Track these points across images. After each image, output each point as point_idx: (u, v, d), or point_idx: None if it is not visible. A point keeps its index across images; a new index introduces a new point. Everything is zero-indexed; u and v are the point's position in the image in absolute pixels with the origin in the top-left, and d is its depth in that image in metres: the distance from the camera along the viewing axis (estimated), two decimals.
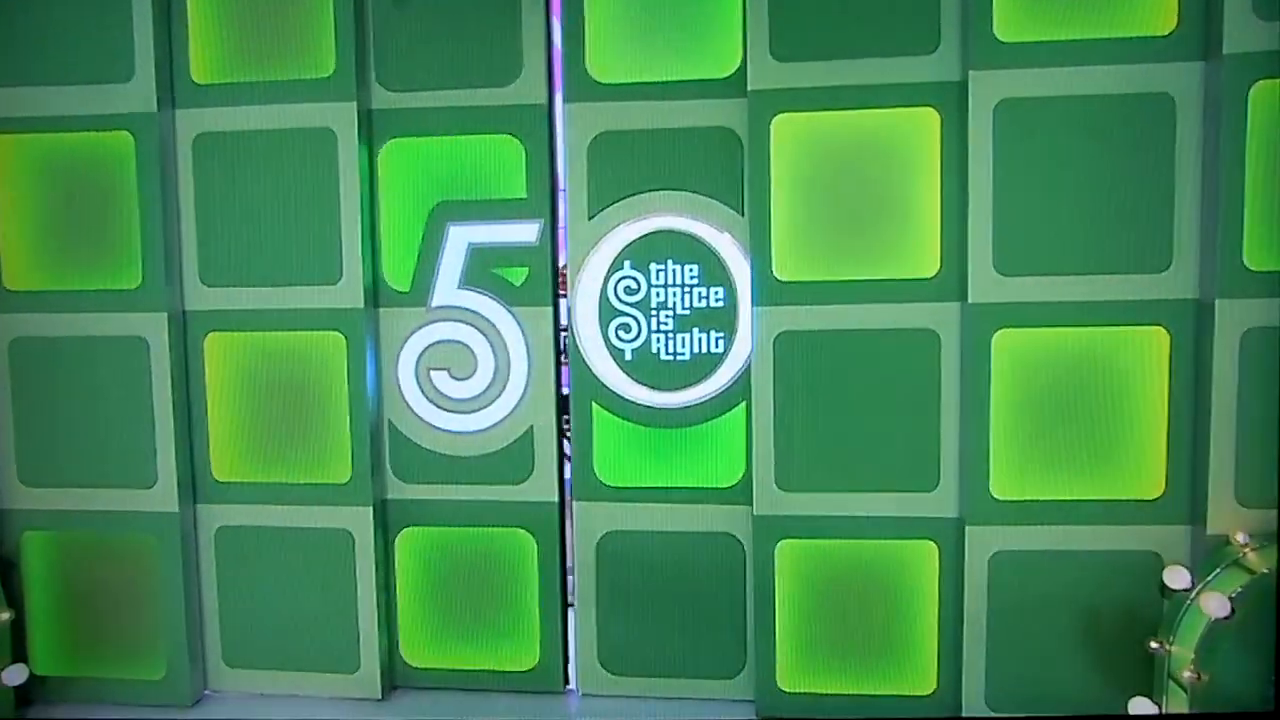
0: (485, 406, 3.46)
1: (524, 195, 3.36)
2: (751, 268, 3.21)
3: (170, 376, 3.37)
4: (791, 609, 3.28)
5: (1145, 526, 3.04)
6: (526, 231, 3.37)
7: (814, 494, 3.23)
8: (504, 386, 3.44)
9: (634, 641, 3.44)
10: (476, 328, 3.43)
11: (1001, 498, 3.11)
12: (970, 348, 3.09)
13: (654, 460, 3.39)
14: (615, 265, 3.35)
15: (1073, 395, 3.06)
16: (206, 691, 3.57)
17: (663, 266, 3.33)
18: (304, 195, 3.33)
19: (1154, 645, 2.79)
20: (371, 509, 3.40)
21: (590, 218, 3.33)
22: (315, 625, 3.47)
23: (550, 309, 3.41)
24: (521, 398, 3.44)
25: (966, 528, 3.14)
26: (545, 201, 3.36)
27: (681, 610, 3.41)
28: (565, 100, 3.32)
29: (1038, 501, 3.10)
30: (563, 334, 3.44)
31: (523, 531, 3.47)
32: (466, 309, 3.42)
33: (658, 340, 3.36)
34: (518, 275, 3.40)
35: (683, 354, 3.35)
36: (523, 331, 3.41)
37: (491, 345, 3.43)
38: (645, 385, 3.37)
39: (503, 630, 3.50)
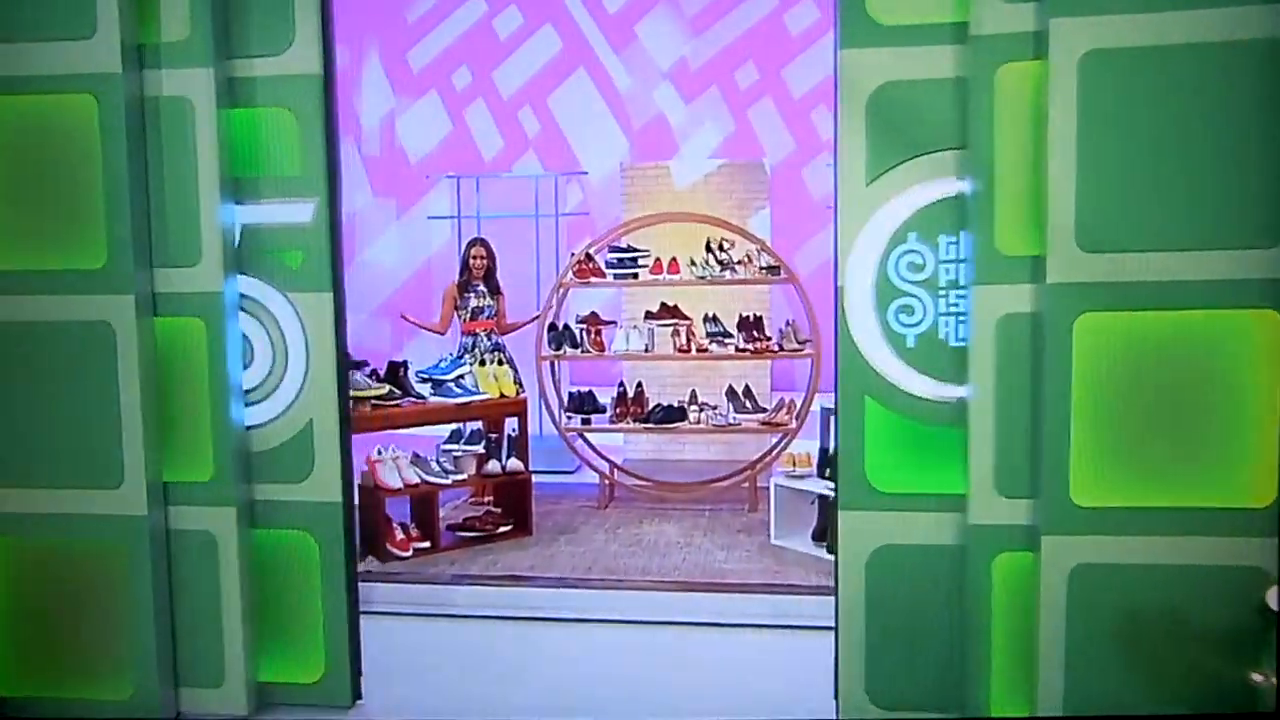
0: (263, 399, 3.35)
1: (298, 173, 3.22)
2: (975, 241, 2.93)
3: (139, 366, 3.17)
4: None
5: (1250, 539, 2.79)
6: (301, 211, 3.23)
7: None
8: (282, 378, 3.31)
9: (907, 672, 3.16)
10: (252, 314, 3.33)
11: (1083, 505, 2.86)
12: (1048, 334, 2.83)
13: (936, 463, 3.09)
14: (897, 238, 3.07)
15: (1167, 388, 2.80)
16: (181, 711, 3.39)
17: (954, 239, 3.04)
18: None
19: (1256, 677, 2.56)
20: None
21: (868, 183, 3.05)
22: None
23: (330, 294, 3.25)
24: (301, 390, 3.31)
25: (1043, 538, 2.89)
26: (321, 179, 3.22)
27: (963, 638, 3.09)
28: (841, 46, 3.04)
29: (1125, 509, 2.85)
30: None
31: (304, 534, 3.34)
32: (241, 294, 3.32)
33: (945, 324, 3.08)
34: (294, 259, 3.25)
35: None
36: (300, 319, 3.28)
37: (268, 333, 3.33)
38: (929, 376, 3.08)
39: (287, 639, 3.38)
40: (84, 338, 3.18)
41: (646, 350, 5.96)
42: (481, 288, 6.09)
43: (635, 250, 5.96)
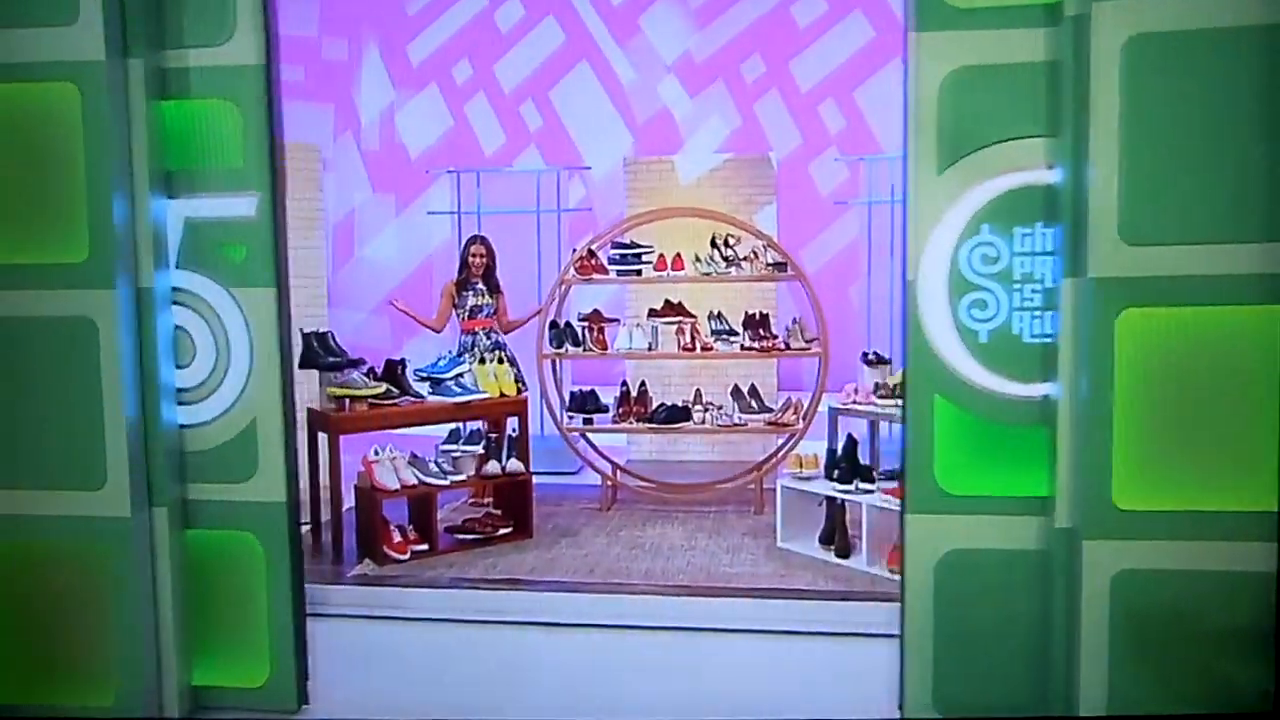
0: (206, 397, 3.34)
1: (241, 165, 3.19)
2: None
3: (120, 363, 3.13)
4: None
5: None
6: (244, 205, 3.21)
7: None
8: (224, 375, 3.29)
9: (976, 682, 3.09)
10: (194, 310, 3.32)
11: (1126, 508, 2.79)
12: (1089, 330, 2.77)
13: (1008, 464, 3.02)
14: (970, 230, 3.00)
15: (1214, 387, 2.74)
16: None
17: (1030, 231, 2.98)
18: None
19: None
20: None
21: (940, 172, 2.98)
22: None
23: (274, 290, 3.23)
24: (244, 387, 3.30)
25: (1084, 543, 2.82)
26: (264, 171, 3.19)
27: (1032, 642, 3.02)
28: (912, 29, 2.97)
29: (1170, 513, 2.78)
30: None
31: (247, 535, 3.33)
32: (183, 290, 3.31)
33: (1020, 319, 3.01)
34: (237, 253, 3.23)
35: (1049, 336, 2.97)
36: (244, 315, 3.26)
37: (210, 330, 3.31)
38: (1003, 373, 3.01)
39: (231, 642, 3.35)
40: (65, 334, 3.13)
41: (650, 349, 5.92)
42: (480, 286, 6.05)
43: (639, 246, 5.90)
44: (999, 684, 3.07)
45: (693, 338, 5.87)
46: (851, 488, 4.69)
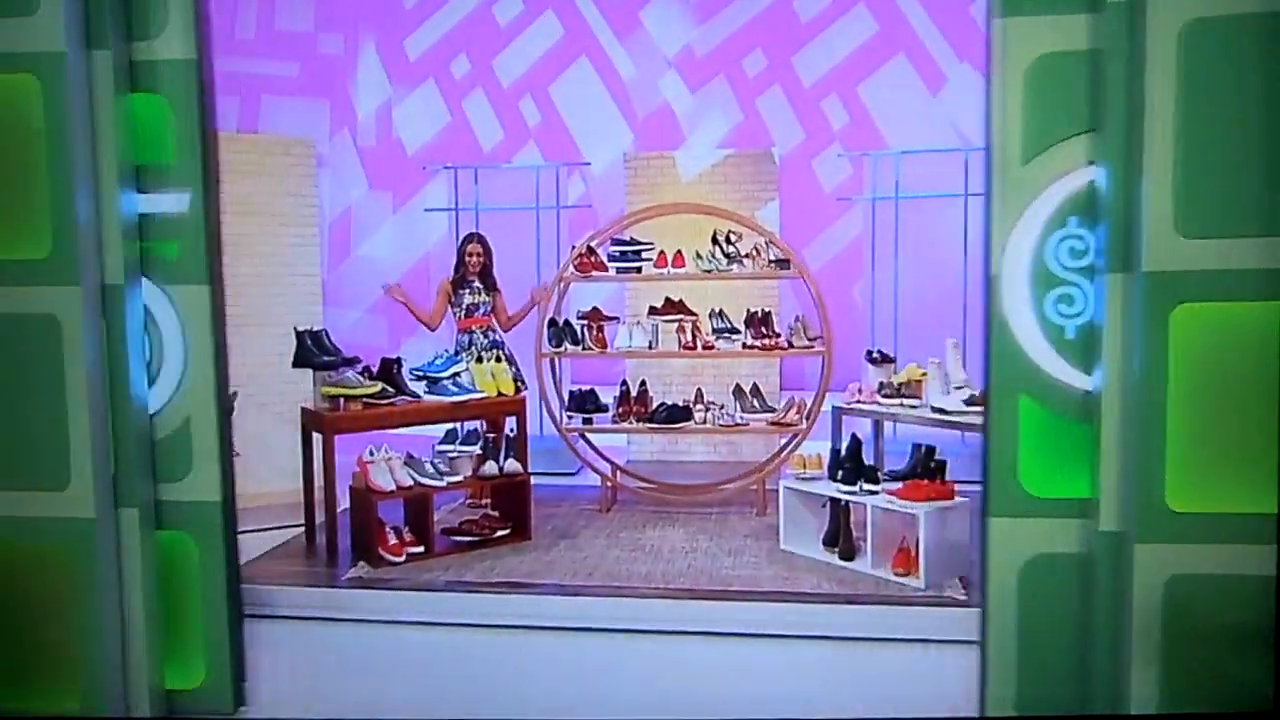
0: None
1: (172, 160, 3.18)
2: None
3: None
4: None
5: None
6: (177, 201, 3.21)
7: None
8: (158, 373, 3.29)
9: (1065, 689, 3.03)
10: None
11: (1179, 510, 2.74)
12: (1142, 326, 2.72)
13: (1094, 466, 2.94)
14: (1056, 222, 2.94)
15: (1271, 384, 2.66)
16: None
17: None
18: None
19: None
20: None
21: (1024, 163, 2.93)
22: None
23: (207, 287, 3.22)
24: (178, 386, 3.31)
25: (1135, 546, 2.77)
26: (197, 167, 3.18)
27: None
28: (996, 14, 2.91)
29: (1226, 516, 2.73)
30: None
31: (182, 534, 3.33)
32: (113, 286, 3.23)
33: None
34: (170, 250, 3.22)
35: None
36: (177, 312, 3.28)
37: (145, 328, 3.32)
38: (1088, 372, 2.95)
39: (166, 644, 3.34)
40: (28, 332, 3.10)
41: (650, 347, 5.88)
42: (477, 284, 6.01)
43: (639, 243, 5.86)
44: (1087, 693, 3.02)
45: (694, 336, 5.83)
46: (856, 489, 4.66)
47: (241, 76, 8.11)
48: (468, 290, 6.00)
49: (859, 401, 5.28)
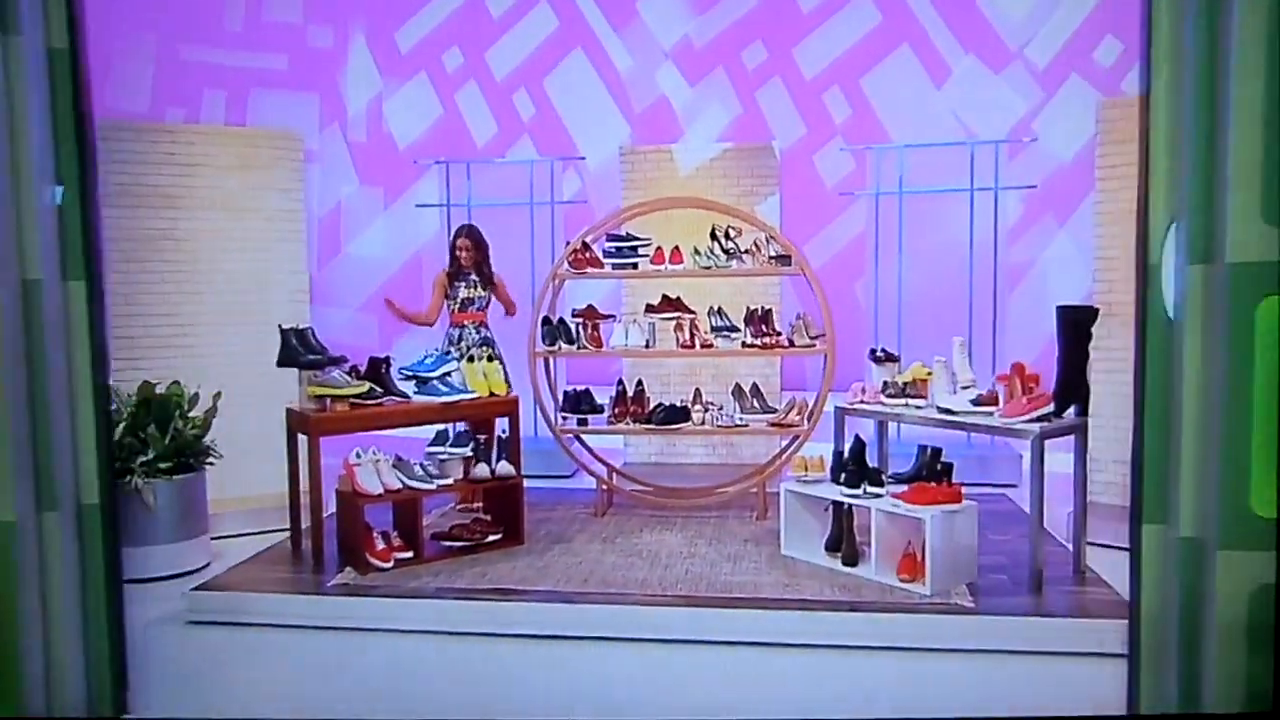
0: None
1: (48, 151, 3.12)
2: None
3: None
4: None
5: None
6: (52, 194, 3.15)
7: None
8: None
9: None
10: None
11: (1266, 515, 2.64)
12: (1225, 320, 2.62)
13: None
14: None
15: None
16: None
17: None
18: None
19: None
20: None
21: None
22: None
23: (83, 283, 3.16)
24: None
25: (1218, 553, 2.67)
26: (72, 159, 3.13)
27: None
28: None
29: None
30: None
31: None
32: None
33: None
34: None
35: None
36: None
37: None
38: None
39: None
40: None
41: (647, 346, 5.82)
42: (473, 278, 5.98)
43: (635, 239, 5.79)
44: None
45: (692, 334, 5.78)
46: (859, 492, 4.59)
47: (228, 69, 8.04)
48: (463, 284, 5.97)
49: (862, 402, 5.21)
